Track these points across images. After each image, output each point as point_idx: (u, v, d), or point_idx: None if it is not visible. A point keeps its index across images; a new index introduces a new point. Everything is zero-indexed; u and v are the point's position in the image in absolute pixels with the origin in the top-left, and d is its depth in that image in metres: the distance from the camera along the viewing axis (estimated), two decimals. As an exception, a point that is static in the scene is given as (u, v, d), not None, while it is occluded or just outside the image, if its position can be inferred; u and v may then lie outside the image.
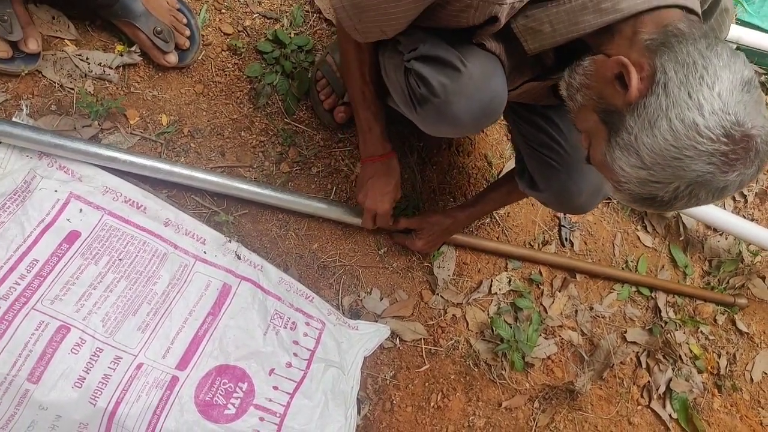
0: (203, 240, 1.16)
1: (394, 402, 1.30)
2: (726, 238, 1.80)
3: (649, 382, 1.58)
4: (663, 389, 1.58)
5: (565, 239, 1.60)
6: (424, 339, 1.37)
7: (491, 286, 1.47)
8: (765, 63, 1.92)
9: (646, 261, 1.69)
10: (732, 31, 1.77)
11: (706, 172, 0.67)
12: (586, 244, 1.63)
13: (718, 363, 1.68)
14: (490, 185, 1.40)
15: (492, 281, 1.47)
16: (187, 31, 1.26)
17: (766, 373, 1.73)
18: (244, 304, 1.12)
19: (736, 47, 1.80)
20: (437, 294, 1.41)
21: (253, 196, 1.23)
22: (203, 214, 1.23)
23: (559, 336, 1.51)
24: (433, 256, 1.42)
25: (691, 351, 1.65)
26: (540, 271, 1.55)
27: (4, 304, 0.94)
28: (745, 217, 1.83)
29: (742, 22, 1.87)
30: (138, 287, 1.05)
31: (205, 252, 1.14)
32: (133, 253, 1.07)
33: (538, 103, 1.06)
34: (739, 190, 0.77)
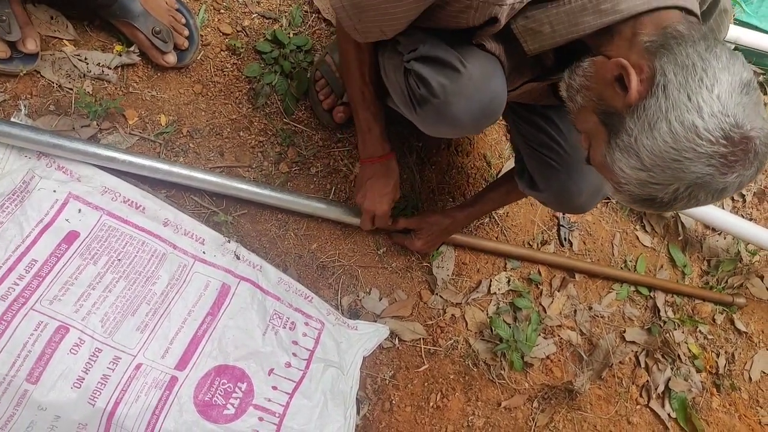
0: (202, 240, 1.16)
1: (394, 402, 1.30)
2: (724, 238, 1.80)
3: (647, 381, 1.58)
4: (662, 388, 1.58)
5: (564, 239, 1.60)
6: (423, 339, 1.37)
7: (490, 285, 1.47)
8: (763, 63, 1.92)
9: (645, 261, 1.69)
10: (730, 31, 1.77)
11: (705, 173, 0.67)
12: (585, 243, 1.64)
13: (716, 362, 1.69)
14: (488, 185, 1.40)
15: (491, 281, 1.47)
16: (186, 31, 1.26)
17: (764, 373, 1.74)
18: (243, 304, 1.12)
19: (734, 47, 1.81)
20: (436, 294, 1.41)
21: (252, 196, 1.23)
22: (202, 214, 1.23)
23: (558, 336, 1.51)
24: (432, 256, 1.42)
25: (689, 350, 1.65)
26: (539, 270, 1.55)
27: (3, 305, 0.94)
28: (743, 216, 1.83)
29: (740, 22, 1.87)
30: (137, 287, 1.05)
31: (204, 252, 1.14)
32: (132, 254, 1.07)
33: (537, 103, 1.06)
34: (738, 191, 0.77)
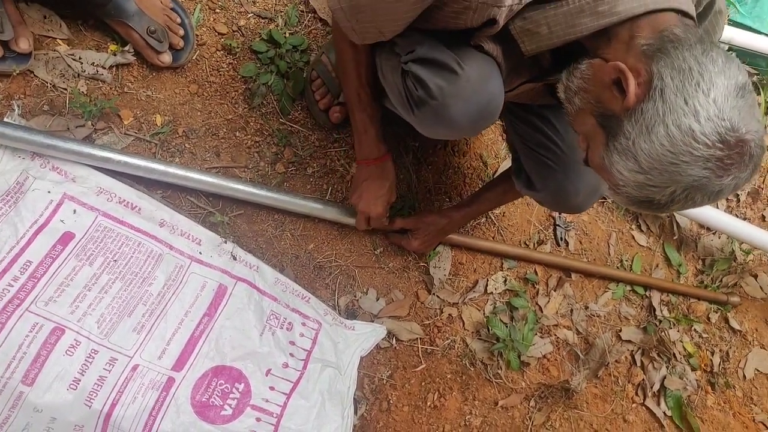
0: (199, 241, 1.15)
1: (391, 402, 1.30)
2: (719, 237, 1.81)
3: (643, 380, 1.59)
4: (657, 387, 1.59)
5: (561, 239, 1.60)
6: (421, 339, 1.37)
7: (487, 285, 1.47)
8: (757, 63, 1.93)
9: (641, 260, 1.70)
10: (724, 31, 1.77)
11: (702, 176, 0.68)
12: (581, 243, 1.64)
13: (711, 360, 1.70)
14: (485, 185, 1.40)
15: (488, 281, 1.47)
16: (181, 31, 1.26)
17: (758, 371, 1.75)
18: (240, 305, 1.12)
19: (728, 48, 1.82)
20: (433, 294, 1.41)
21: (249, 196, 1.23)
22: (198, 214, 1.22)
23: (555, 335, 1.52)
24: (429, 256, 1.42)
25: (684, 349, 1.66)
26: (535, 270, 1.55)
27: (-2, 307, 0.93)
28: (737, 216, 1.85)
29: (734, 23, 1.88)
30: (133, 288, 1.04)
31: (200, 253, 1.14)
32: (128, 254, 1.06)
33: (534, 103, 1.06)
34: (733, 193, 0.78)
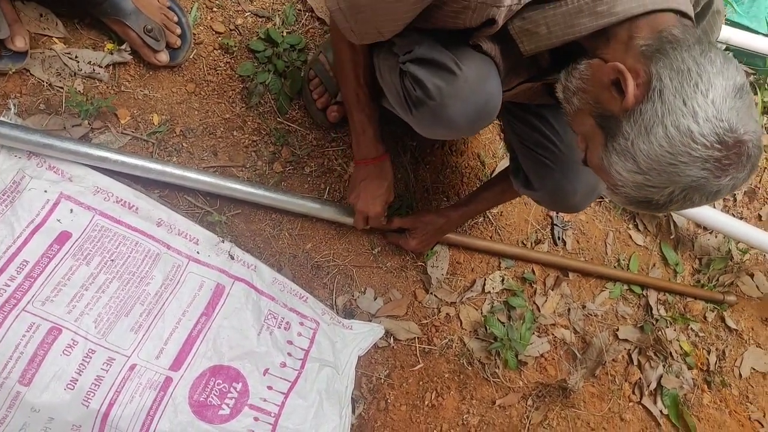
0: (196, 240, 1.15)
1: (389, 401, 1.30)
2: (716, 237, 1.82)
3: (640, 378, 1.60)
4: (654, 386, 1.59)
5: (558, 238, 1.61)
6: (418, 338, 1.37)
7: (484, 284, 1.47)
8: (754, 63, 1.94)
9: (638, 259, 1.70)
10: (722, 31, 1.78)
11: (700, 177, 0.68)
12: (578, 242, 1.64)
13: (707, 359, 1.70)
14: (483, 184, 1.40)
15: (485, 280, 1.48)
16: (178, 30, 1.25)
17: (754, 369, 1.76)
18: (238, 305, 1.11)
19: (725, 47, 1.82)
20: (431, 293, 1.41)
21: (246, 195, 1.23)
22: (196, 214, 1.22)
23: (552, 334, 1.52)
24: (426, 256, 1.42)
25: (681, 348, 1.66)
26: (533, 269, 1.55)
27: (-6, 306, 0.93)
28: (734, 215, 1.85)
29: (731, 23, 1.88)
30: (130, 288, 1.04)
31: (198, 252, 1.13)
32: (125, 254, 1.06)
33: (532, 102, 1.07)
34: (731, 193, 0.78)
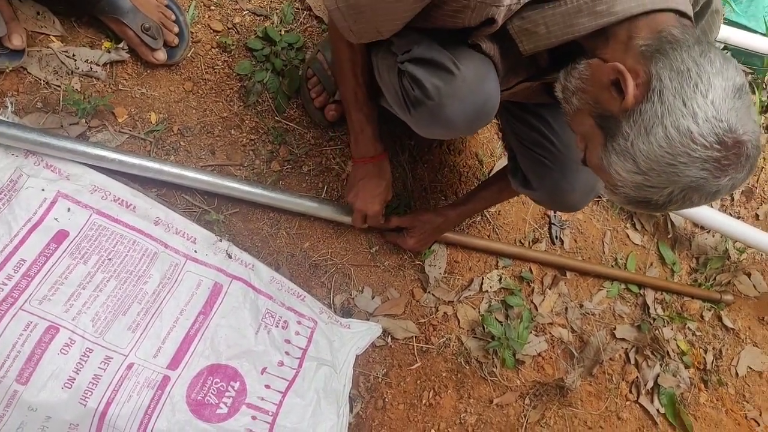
0: (194, 239, 1.15)
1: (386, 400, 1.30)
2: (713, 236, 1.82)
3: (637, 377, 1.60)
4: (651, 384, 1.60)
5: (556, 237, 1.61)
6: (416, 337, 1.37)
7: (482, 283, 1.47)
8: (752, 63, 1.94)
9: (635, 258, 1.70)
10: (720, 31, 1.78)
11: (699, 177, 0.68)
12: (576, 241, 1.65)
13: (704, 358, 1.71)
14: (481, 183, 1.40)
15: (483, 279, 1.48)
16: (176, 28, 1.25)
17: (750, 368, 1.76)
18: (236, 303, 1.11)
19: (723, 47, 1.82)
20: (429, 292, 1.41)
21: (244, 194, 1.23)
22: (194, 213, 1.22)
23: (550, 333, 1.52)
24: (424, 255, 1.42)
25: (678, 347, 1.67)
26: (530, 268, 1.55)
27: (-9, 305, 0.92)
28: (731, 215, 1.86)
29: (729, 22, 1.88)
30: (128, 287, 1.04)
31: (195, 251, 1.13)
32: (122, 253, 1.06)
33: (530, 101, 1.07)
34: (730, 193, 0.78)
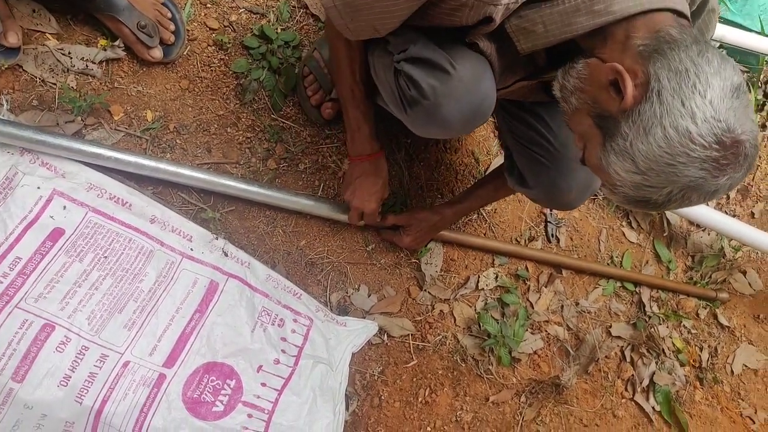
0: (190, 237, 1.15)
1: (382, 397, 1.31)
2: (708, 234, 1.83)
3: (633, 375, 1.61)
4: (646, 382, 1.60)
5: (552, 235, 1.61)
6: (412, 335, 1.37)
7: (478, 281, 1.48)
8: (747, 61, 1.95)
9: (631, 257, 1.71)
10: (716, 29, 1.78)
11: (698, 177, 0.69)
12: (572, 240, 1.65)
13: (700, 356, 1.71)
14: (477, 182, 1.40)
15: (479, 277, 1.48)
16: (172, 26, 1.25)
17: (746, 366, 1.77)
18: (232, 301, 1.11)
19: (719, 45, 1.83)
20: (425, 290, 1.42)
21: (240, 192, 1.23)
22: (190, 211, 1.22)
23: (546, 331, 1.53)
24: (420, 253, 1.43)
25: (674, 345, 1.68)
26: (526, 266, 1.56)
27: (-13, 303, 0.92)
28: (727, 213, 1.86)
29: (725, 21, 1.89)
30: (124, 285, 1.04)
31: (191, 249, 1.13)
32: (118, 251, 1.05)
33: (527, 100, 1.07)
34: (728, 192, 0.79)
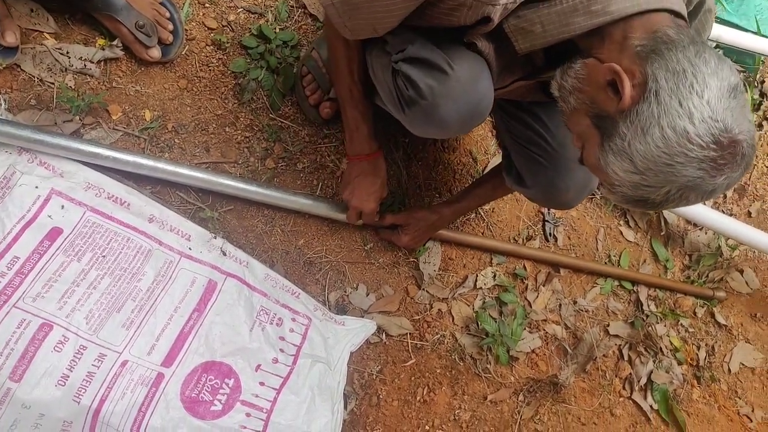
0: (188, 236, 1.15)
1: (381, 396, 1.31)
2: (706, 233, 1.83)
3: (630, 374, 1.61)
4: (644, 381, 1.61)
5: (549, 234, 1.62)
6: (410, 334, 1.38)
7: (476, 280, 1.48)
8: (743, 61, 1.95)
9: (629, 255, 1.71)
10: (712, 29, 1.79)
11: (696, 177, 0.69)
12: (569, 239, 1.65)
13: (697, 355, 1.72)
14: (475, 181, 1.41)
15: (477, 276, 1.48)
16: (170, 26, 1.25)
17: (743, 364, 1.77)
18: (230, 301, 1.11)
19: (715, 45, 1.84)
20: (423, 289, 1.42)
21: (239, 192, 1.23)
22: (188, 210, 1.22)
23: (543, 330, 1.53)
24: (418, 252, 1.43)
25: (671, 343, 1.68)
26: (524, 265, 1.56)
27: (-15, 303, 0.92)
28: (724, 212, 1.87)
29: (721, 21, 1.89)
30: (122, 284, 1.04)
31: (190, 248, 1.13)
32: (116, 250, 1.05)
33: (525, 99, 1.07)
34: (725, 191, 0.79)
